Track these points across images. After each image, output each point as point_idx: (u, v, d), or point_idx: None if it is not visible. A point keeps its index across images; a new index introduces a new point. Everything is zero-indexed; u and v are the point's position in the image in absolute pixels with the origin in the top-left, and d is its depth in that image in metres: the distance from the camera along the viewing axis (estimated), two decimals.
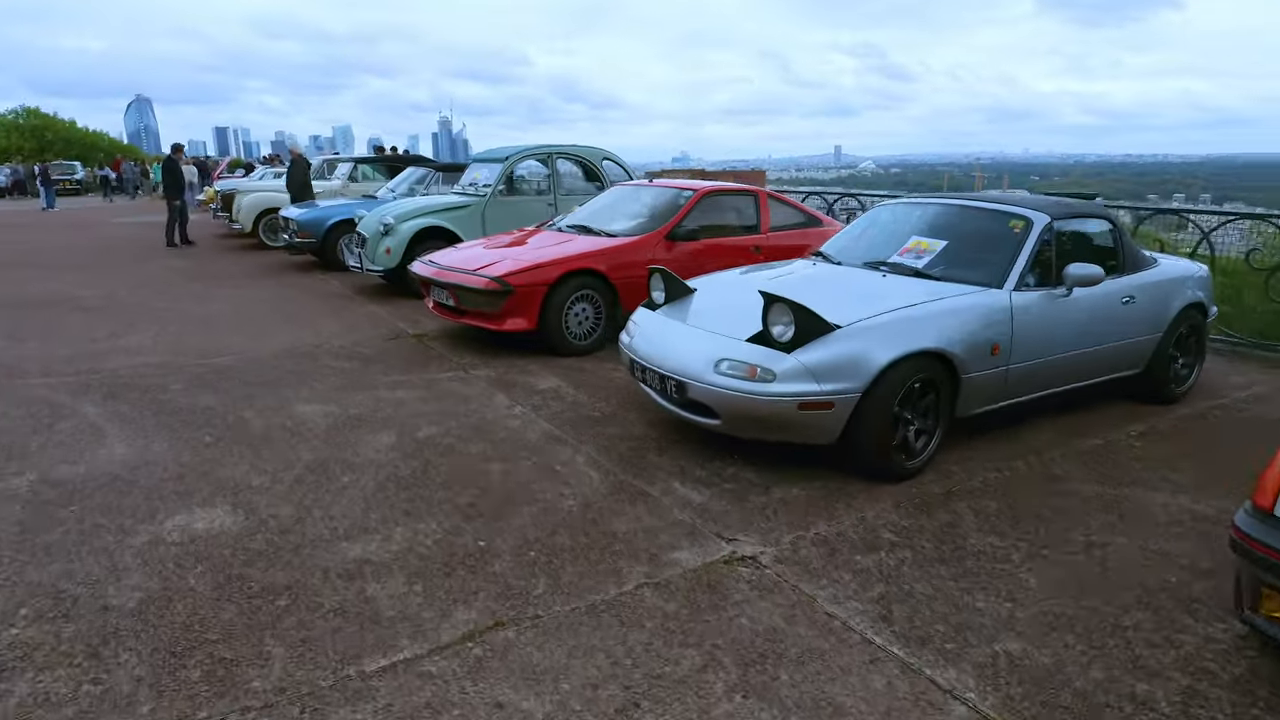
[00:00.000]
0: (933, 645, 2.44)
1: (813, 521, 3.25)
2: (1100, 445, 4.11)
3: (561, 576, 2.84)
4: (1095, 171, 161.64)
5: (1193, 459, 3.93)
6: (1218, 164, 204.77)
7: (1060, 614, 2.61)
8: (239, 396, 4.88)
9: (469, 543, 3.07)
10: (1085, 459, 3.92)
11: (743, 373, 3.51)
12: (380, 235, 7.93)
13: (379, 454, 3.95)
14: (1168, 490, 3.57)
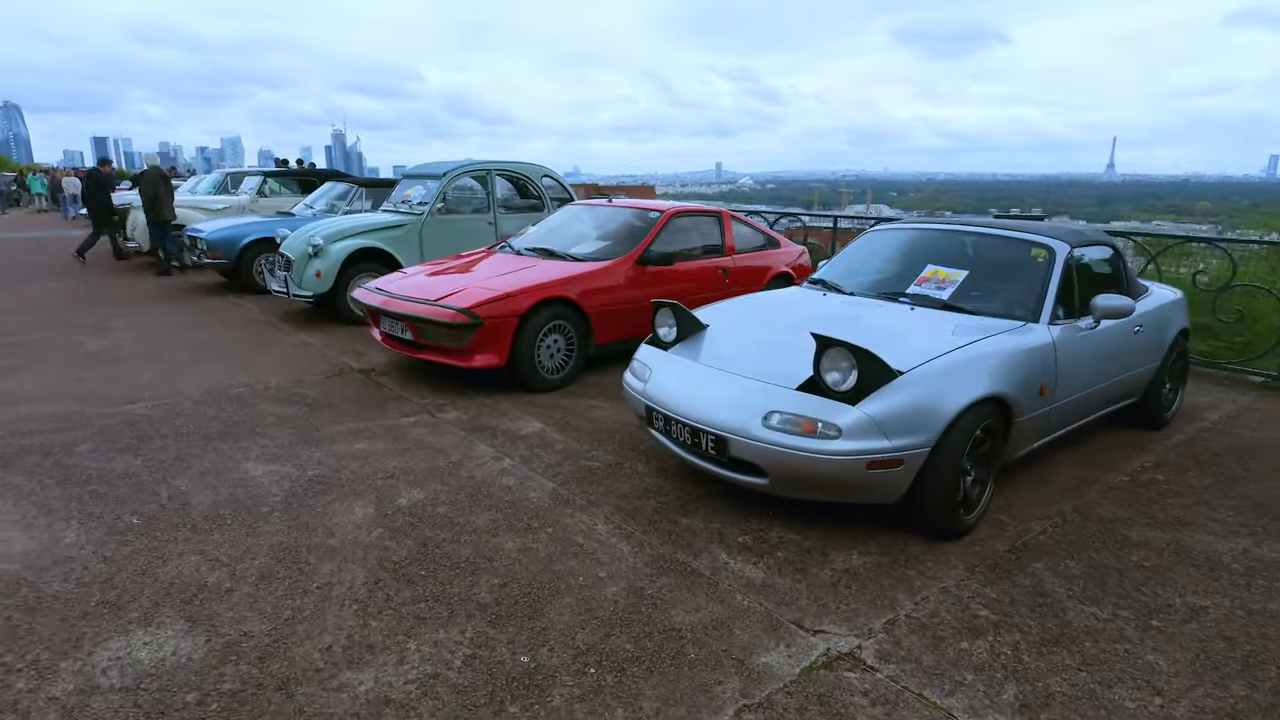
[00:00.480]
0: None
1: (894, 598, 2.72)
2: (1127, 481, 3.80)
3: (642, 704, 2.17)
4: (945, 188, 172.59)
5: (1220, 492, 3.67)
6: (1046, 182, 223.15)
7: (1217, 709, 2.18)
8: (168, 458, 3.89)
9: (508, 659, 2.35)
10: (1121, 498, 3.59)
11: (798, 427, 2.93)
12: (308, 257, 6.88)
13: (360, 532, 3.13)
14: (1220, 532, 3.26)
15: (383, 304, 5.17)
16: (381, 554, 2.96)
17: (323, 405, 4.78)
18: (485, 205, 7.91)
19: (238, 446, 4.06)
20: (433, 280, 5.34)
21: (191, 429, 4.32)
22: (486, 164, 7.85)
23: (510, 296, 4.82)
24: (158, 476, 3.66)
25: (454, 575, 2.82)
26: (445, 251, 7.35)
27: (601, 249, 5.64)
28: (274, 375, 5.44)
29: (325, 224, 7.25)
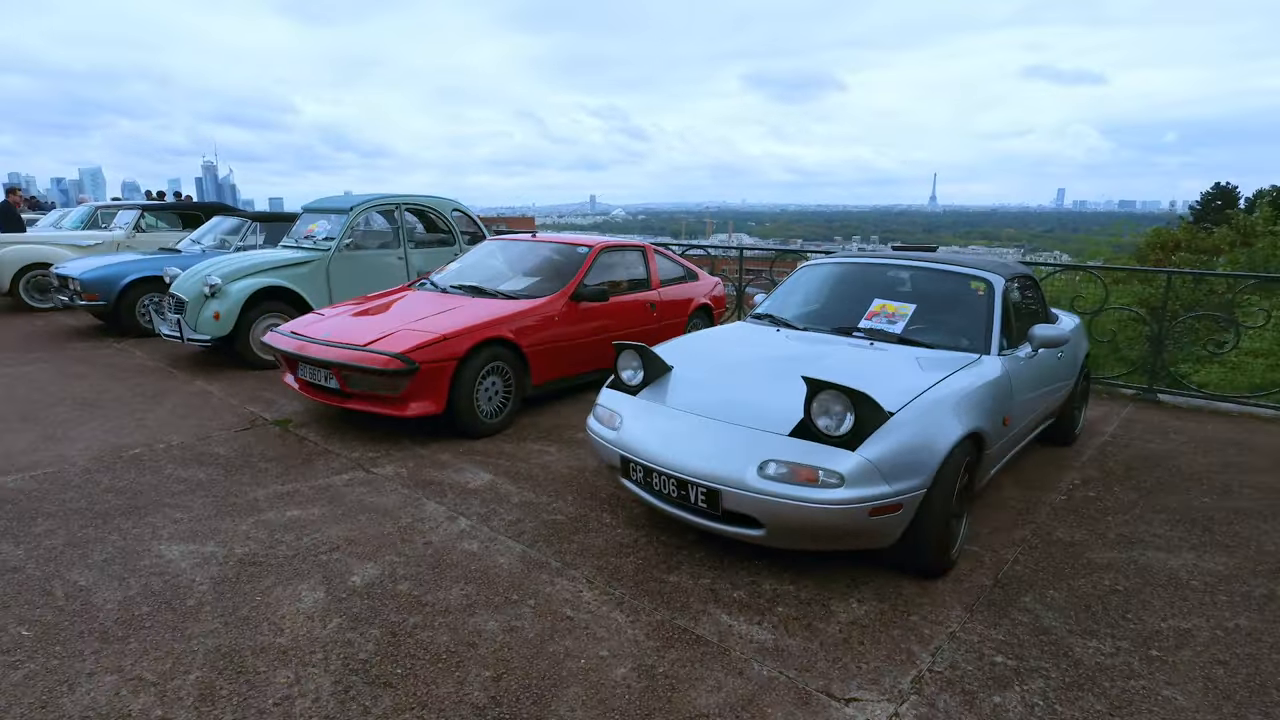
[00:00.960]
0: None
1: (909, 650, 2.49)
2: (1065, 500, 3.80)
3: None
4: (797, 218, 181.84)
5: (1148, 506, 3.72)
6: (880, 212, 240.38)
7: None
8: (58, 544, 3.11)
9: None
10: (1069, 519, 3.57)
11: (797, 476, 2.66)
12: (204, 298, 5.99)
13: (313, 624, 2.57)
14: (1165, 548, 3.28)
15: (301, 349, 4.50)
16: (345, 651, 2.42)
17: (239, 466, 4.06)
18: (394, 240, 7.25)
19: (144, 523, 3.33)
20: (357, 322, 4.72)
21: (83, 504, 3.52)
22: (395, 197, 7.21)
23: (448, 339, 4.31)
24: (48, 570, 2.90)
25: (436, 671, 2.33)
26: (354, 289, 6.66)
27: (532, 286, 5.21)
28: (175, 432, 4.61)
29: (222, 261, 6.37)
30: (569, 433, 4.72)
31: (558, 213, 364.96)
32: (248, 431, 4.66)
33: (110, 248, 9.26)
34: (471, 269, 5.67)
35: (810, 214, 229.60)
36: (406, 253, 7.19)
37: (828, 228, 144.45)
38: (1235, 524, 3.53)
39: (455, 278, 5.52)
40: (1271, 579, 3.01)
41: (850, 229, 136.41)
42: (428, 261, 7.35)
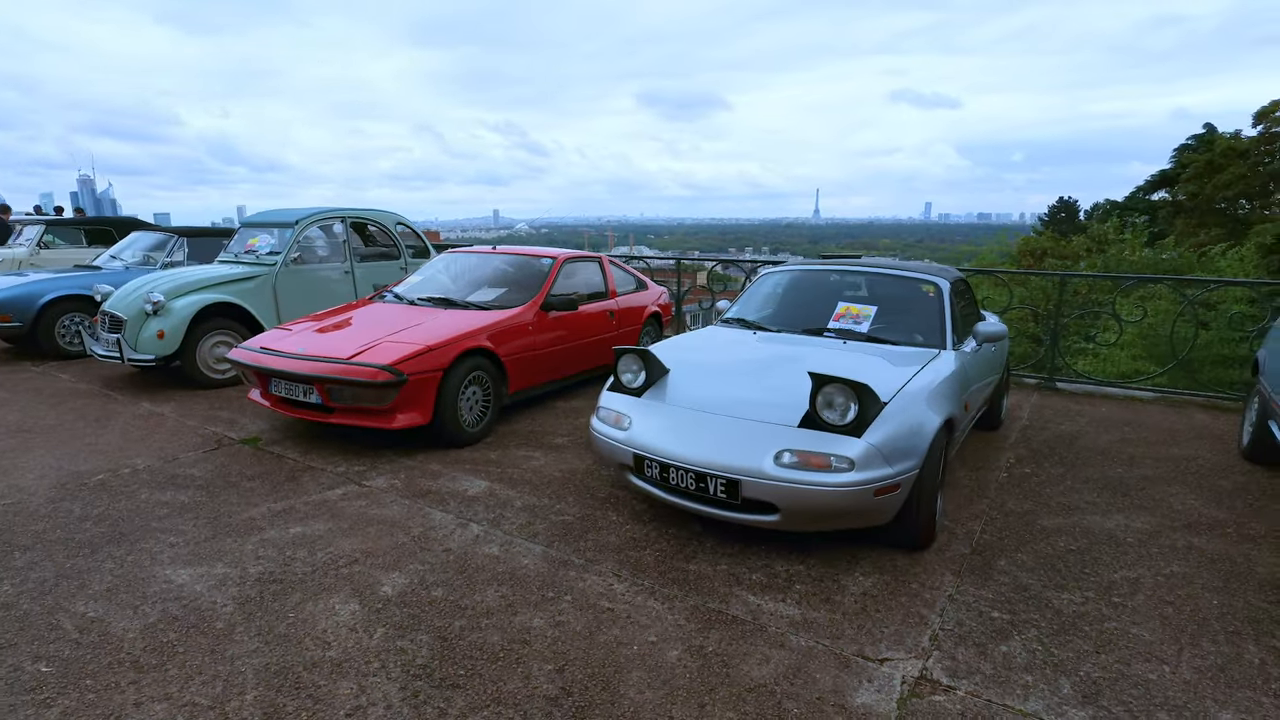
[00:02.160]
0: None
1: (919, 614, 2.70)
2: (1007, 477, 4.18)
3: None
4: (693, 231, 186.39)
5: (1075, 478, 4.15)
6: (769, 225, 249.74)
7: (1204, 665, 2.40)
8: (47, 576, 2.85)
9: None
10: (1015, 493, 3.93)
11: (810, 463, 2.84)
12: (145, 316, 5.56)
13: (359, 635, 2.50)
14: (1099, 512, 3.68)
15: (277, 365, 4.28)
16: (401, 659, 2.37)
17: (220, 486, 3.83)
18: (340, 254, 6.98)
19: (138, 549, 3.10)
20: (332, 336, 4.54)
21: (60, 535, 3.23)
22: (340, 210, 6.94)
23: (433, 350, 4.23)
24: (46, 604, 2.66)
25: (499, 669, 2.33)
26: (301, 304, 6.38)
27: (501, 297, 5.18)
28: (136, 456, 4.28)
29: (163, 278, 5.92)
30: (549, 438, 4.73)
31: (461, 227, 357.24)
32: (216, 452, 4.39)
33: (11, 266, 8.38)
34: (435, 281, 5.57)
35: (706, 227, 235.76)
36: (353, 266, 6.94)
37: (722, 239, 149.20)
38: (1146, 489, 4.01)
39: (421, 290, 5.40)
40: (1188, 532, 3.45)
41: (743, 240, 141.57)
42: (374, 276, 7.13)
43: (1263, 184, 20.07)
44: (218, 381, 5.85)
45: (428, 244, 7.87)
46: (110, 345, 5.64)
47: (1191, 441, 4.87)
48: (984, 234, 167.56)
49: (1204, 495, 3.91)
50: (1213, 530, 3.47)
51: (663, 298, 7.04)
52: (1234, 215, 20.76)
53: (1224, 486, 4.04)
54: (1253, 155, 19.95)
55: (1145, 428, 5.21)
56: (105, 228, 9.24)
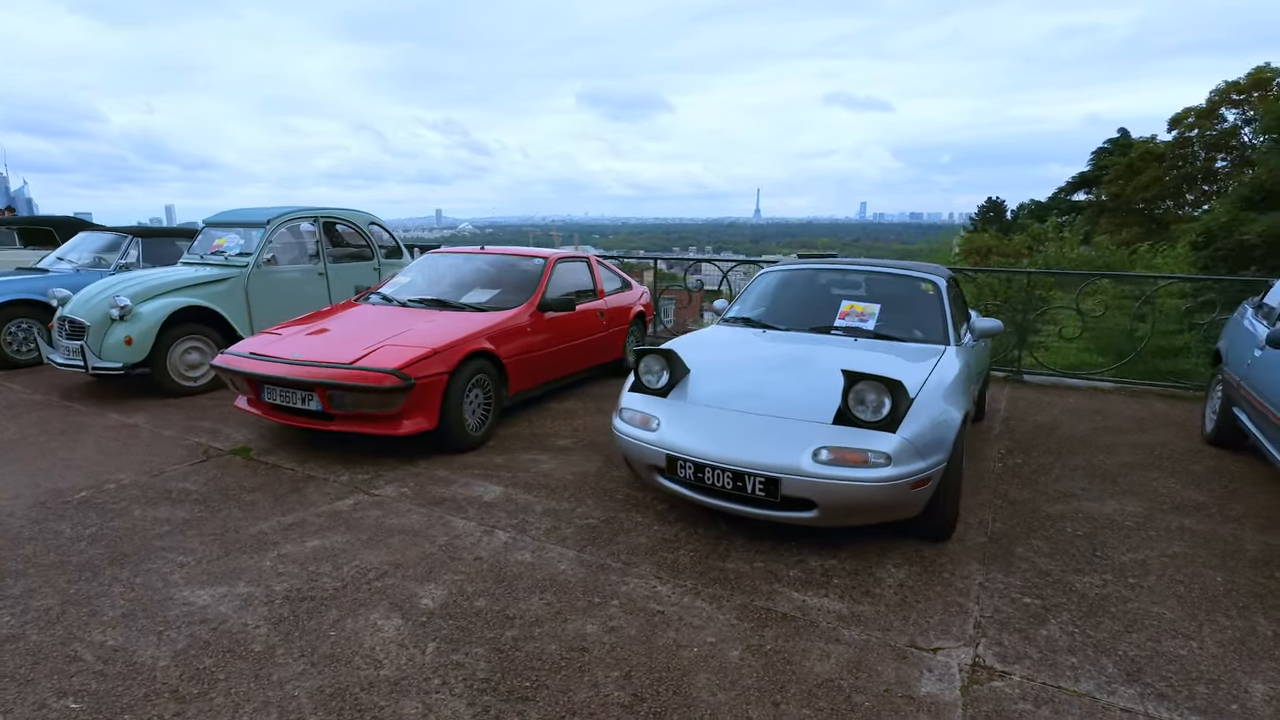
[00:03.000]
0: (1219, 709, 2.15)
1: (958, 603, 2.76)
2: (1002, 467, 4.33)
3: None
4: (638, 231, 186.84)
5: (1064, 466, 4.33)
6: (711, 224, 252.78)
7: (1224, 639, 2.54)
8: (51, 604, 2.63)
9: None
10: (1013, 482, 4.07)
11: (847, 459, 2.87)
12: (111, 321, 5.21)
13: (410, 650, 2.39)
14: (1094, 498, 3.85)
15: (272, 371, 4.07)
16: (460, 673, 2.29)
17: (219, 500, 3.62)
18: (313, 255, 6.69)
19: (145, 570, 2.90)
20: (327, 340, 4.34)
21: (54, 558, 2.99)
22: (312, 210, 6.65)
23: (438, 353, 4.10)
24: (57, 634, 2.46)
25: (564, 679, 2.27)
26: (275, 307, 6.10)
27: (496, 298, 5.07)
28: (118, 470, 4.00)
29: (127, 280, 5.55)
30: (551, 441, 4.65)
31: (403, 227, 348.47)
32: (205, 464, 4.15)
33: None
34: (424, 282, 5.40)
35: (650, 226, 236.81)
36: (326, 268, 6.67)
37: (666, 239, 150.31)
38: (1130, 475, 4.22)
39: (410, 291, 5.23)
40: (1178, 515, 3.64)
41: (687, 240, 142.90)
42: (347, 277, 6.86)
43: (1177, 185, 21.44)
44: (190, 389, 5.53)
45: (401, 245, 7.63)
46: (71, 353, 5.26)
47: (1158, 429, 5.15)
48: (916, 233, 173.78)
49: (1182, 479, 4.14)
50: (1199, 512, 3.67)
51: (645, 297, 7.02)
52: (1151, 215, 22.11)
53: (1197, 471, 4.29)
54: (1168, 159, 21.28)
55: (1113, 416, 5.49)
56: (45, 228, 8.62)
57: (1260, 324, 4.26)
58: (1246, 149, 20.10)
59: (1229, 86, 19.68)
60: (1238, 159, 20.29)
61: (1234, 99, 19.66)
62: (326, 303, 6.56)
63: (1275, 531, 3.42)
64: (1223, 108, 20.03)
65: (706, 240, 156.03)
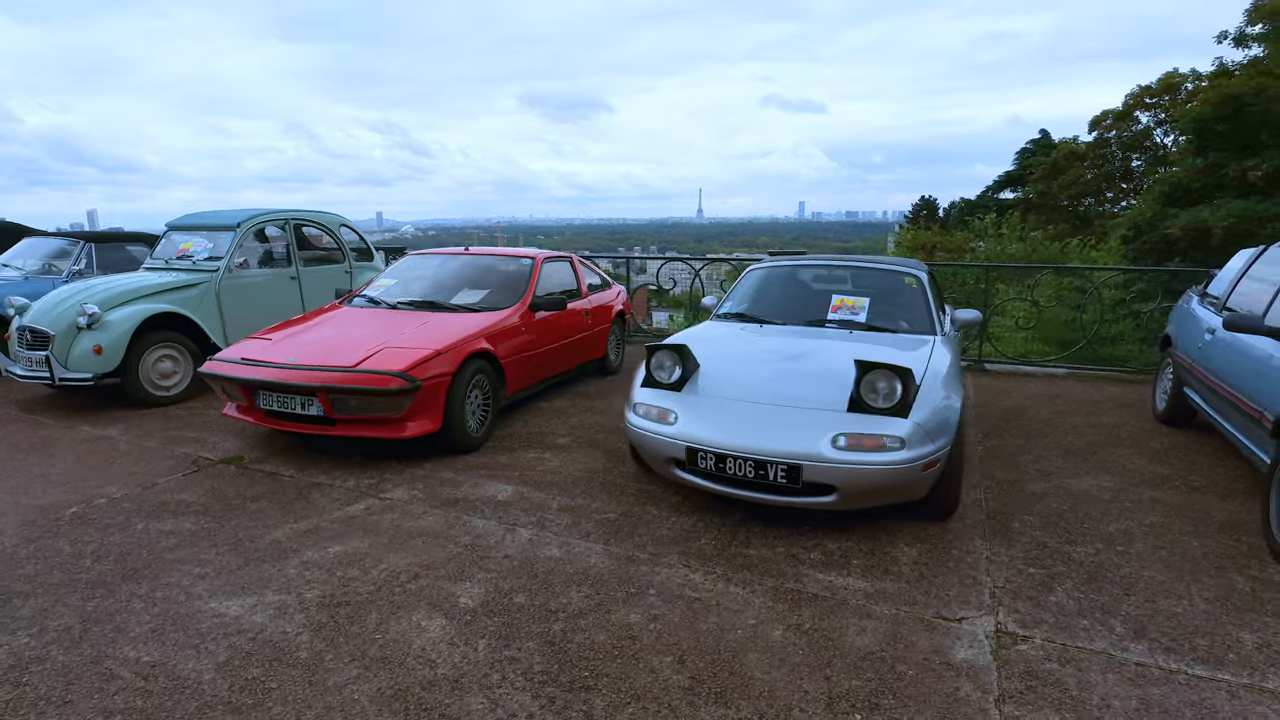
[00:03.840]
0: (1233, 660, 2.36)
1: (972, 576, 2.92)
2: (983, 450, 4.56)
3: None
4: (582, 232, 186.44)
5: (1037, 447, 4.59)
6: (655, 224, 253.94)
7: (1212, 596, 2.76)
8: (71, 622, 2.52)
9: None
10: (995, 463, 4.30)
11: (864, 444, 3.00)
12: (78, 330, 4.94)
13: (461, 648, 2.39)
14: (1071, 475, 4.10)
15: (269, 376, 3.95)
16: (518, 667, 2.30)
17: (222, 511, 3.50)
18: (284, 258, 6.48)
19: (162, 584, 2.79)
20: (325, 344, 4.23)
21: (62, 577, 2.85)
22: (283, 212, 6.44)
23: (441, 354, 4.06)
24: (85, 653, 2.36)
25: (621, 667, 2.32)
26: (249, 313, 5.91)
27: (486, 298, 5.03)
28: (106, 484, 3.82)
29: (93, 287, 5.27)
30: (550, 439, 4.66)
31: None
32: (197, 475, 4.00)
33: None
34: (410, 284, 5.31)
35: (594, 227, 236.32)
36: (299, 271, 6.47)
37: (611, 239, 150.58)
38: (1097, 453, 4.50)
39: (398, 293, 5.14)
40: (1148, 487, 3.92)
41: (631, 240, 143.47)
42: (319, 281, 6.68)
43: (1098, 183, 22.74)
44: (162, 400, 5.29)
45: (371, 247, 7.46)
46: (34, 364, 4.97)
47: (1113, 410, 5.51)
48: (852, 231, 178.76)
49: (1144, 455, 4.45)
50: (1164, 484, 3.96)
51: (622, 296, 7.07)
52: (1075, 211, 23.39)
53: (1156, 447, 4.61)
54: (1089, 158, 22.56)
55: (1072, 400, 5.83)
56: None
57: (1208, 311, 4.61)
58: (1159, 149, 21.52)
59: (1143, 90, 21.05)
60: (1151, 158, 21.72)
61: (1147, 102, 21.05)
62: (300, 307, 6.38)
63: (1234, 499, 3.73)
64: (1137, 110, 21.43)
65: (651, 240, 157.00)
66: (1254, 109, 10.45)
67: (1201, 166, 10.96)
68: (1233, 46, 16.36)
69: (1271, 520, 3.16)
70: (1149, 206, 11.82)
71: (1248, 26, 15.81)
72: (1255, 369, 3.56)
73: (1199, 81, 19.88)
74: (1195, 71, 19.98)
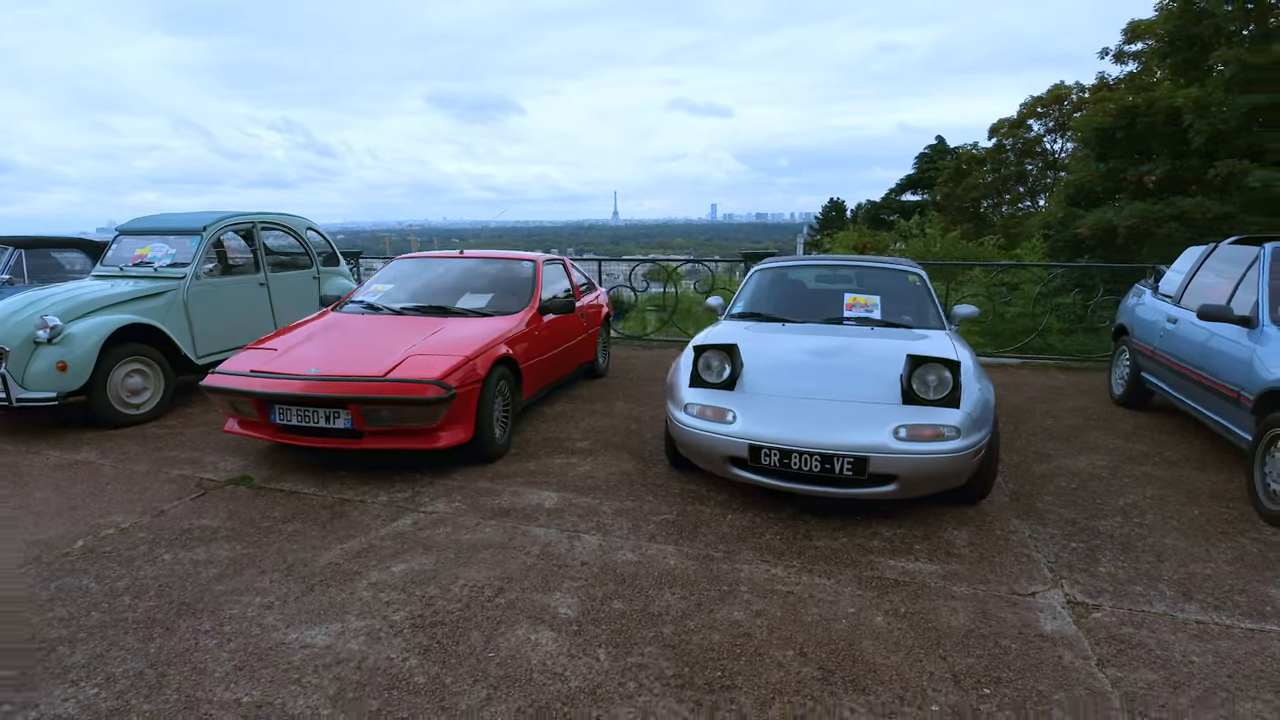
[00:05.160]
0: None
1: (1025, 554, 3.12)
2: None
3: (1053, 697, 2.16)
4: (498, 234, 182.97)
5: (1029, 433, 4.93)
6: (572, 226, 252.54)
7: (1231, 557, 3.07)
8: (140, 668, 2.28)
9: (926, 715, 2.09)
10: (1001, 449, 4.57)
11: (923, 435, 3.14)
12: (36, 345, 4.43)
13: (584, 660, 2.34)
14: (1066, 457, 4.42)
15: (291, 389, 3.69)
16: (648, 674, 2.28)
17: (255, 535, 3.25)
18: (251, 264, 6.05)
19: (224, 616, 2.58)
20: (344, 352, 3.98)
21: (102, 617, 2.57)
22: (249, 214, 6.00)
23: (471, 360, 3.91)
24: (171, 699, 2.14)
25: (747, 664, 2.33)
26: (217, 322, 5.52)
27: (493, 302, 4.89)
28: (108, 513, 3.46)
29: (49, 297, 4.72)
30: (569, 444, 4.58)
31: None
32: (206, 498, 3.68)
33: None
34: (410, 289, 5.07)
35: (510, 230, 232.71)
36: (268, 277, 6.05)
37: (528, 242, 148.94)
38: (1078, 435, 4.87)
39: (398, 298, 4.91)
40: (1135, 464, 4.28)
41: (549, 243, 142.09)
42: (287, 287, 6.28)
43: (997, 186, 24.52)
44: (132, 419, 4.83)
45: (337, 252, 7.07)
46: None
47: (1075, 396, 5.98)
48: (762, 233, 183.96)
49: (1119, 435, 4.86)
50: (1148, 461, 4.34)
51: (602, 297, 7.03)
52: (976, 213, 25.11)
53: (1126, 428, 5.04)
54: (989, 163, 24.28)
55: (1034, 388, 6.28)
56: None
57: (1163, 303, 5.07)
58: (1049, 154, 23.45)
59: (1035, 100, 22.89)
60: (1043, 163, 23.65)
61: (1039, 111, 22.90)
62: (269, 315, 5.98)
63: (1212, 470, 4.14)
64: (1030, 119, 23.27)
65: (568, 242, 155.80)
66: (1146, 120, 11.55)
67: (1103, 171, 12.01)
68: (1113, 62, 18.05)
69: (1258, 490, 3.54)
70: (1059, 207, 12.85)
71: (1126, 45, 17.48)
72: (1230, 354, 3.96)
73: (1083, 93, 21.82)
74: (1080, 84, 21.90)
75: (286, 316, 6.05)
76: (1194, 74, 12.75)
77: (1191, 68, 12.85)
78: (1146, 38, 16.71)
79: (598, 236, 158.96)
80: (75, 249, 6.66)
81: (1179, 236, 10.87)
